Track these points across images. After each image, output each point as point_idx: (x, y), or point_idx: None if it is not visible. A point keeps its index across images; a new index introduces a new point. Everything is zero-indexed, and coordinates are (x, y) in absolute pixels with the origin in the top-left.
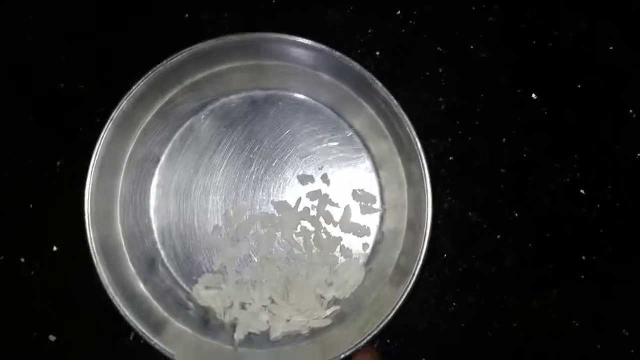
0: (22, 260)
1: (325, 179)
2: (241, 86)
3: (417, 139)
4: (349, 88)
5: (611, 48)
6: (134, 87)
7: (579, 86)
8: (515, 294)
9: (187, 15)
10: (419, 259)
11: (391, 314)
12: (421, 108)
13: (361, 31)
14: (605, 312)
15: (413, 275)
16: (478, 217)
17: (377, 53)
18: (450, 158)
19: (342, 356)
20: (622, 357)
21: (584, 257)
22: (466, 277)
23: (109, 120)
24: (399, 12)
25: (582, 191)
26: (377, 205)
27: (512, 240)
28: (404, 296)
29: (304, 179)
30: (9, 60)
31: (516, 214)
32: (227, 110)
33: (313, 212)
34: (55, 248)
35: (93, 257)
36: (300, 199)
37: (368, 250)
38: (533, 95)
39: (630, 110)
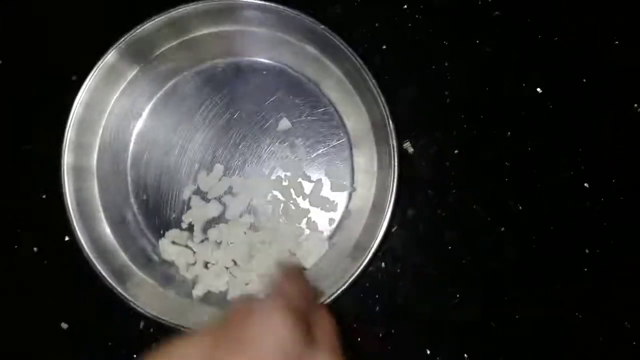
0: (35, 250)
1: (300, 151)
2: (228, 51)
3: (391, 123)
4: (333, 65)
5: (616, 43)
6: (122, 39)
7: (584, 80)
8: (518, 286)
9: None
10: (377, 239)
11: (344, 286)
12: (427, 101)
13: (368, 25)
14: (607, 305)
15: (369, 252)
16: (482, 210)
17: (384, 47)
18: (456, 151)
19: None
20: (623, 349)
21: (587, 251)
22: (470, 270)
23: (94, 69)
24: (405, 6)
25: (586, 185)
26: (347, 183)
27: (516, 233)
28: (358, 271)
29: (280, 149)
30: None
31: (520, 207)
32: (212, 73)
33: (285, 183)
34: (67, 238)
35: (67, 206)
36: (274, 168)
37: (333, 226)
38: (538, 90)
39: (635, 105)
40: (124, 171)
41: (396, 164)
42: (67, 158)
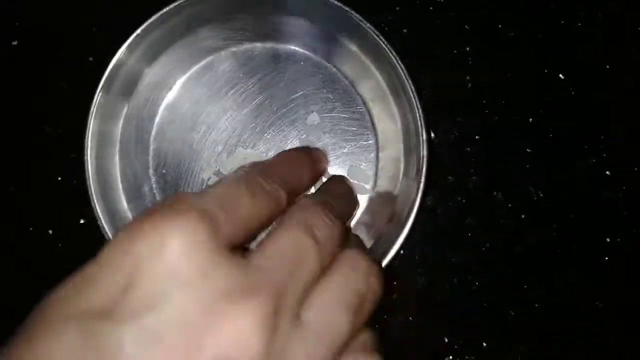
0: (50, 232)
1: (326, 147)
2: (268, 36)
3: (424, 134)
4: (373, 66)
5: None
6: (165, 9)
7: (607, 67)
8: (538, 274)
9: None
10: (392, 249)
11: None
12: (447, 86)
13: (388, 8)
14: (628, 295)
15: (380, 263)
16: (503, 197)
17: (405, 30)
18: (477, 137)
19: None
20: None
21: (608, 239)
22: (489, 257)
23: (135, 33)
24: None
25: (607, 172)
26: (368, 186)
27: (536, 221)
28: None
29: (306, 143)
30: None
31: (541, 194)
32: (248, 57)
33: None
34: (82, 221)
35: (86, 171)
36: None
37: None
38: (560, 76)
39: None
40: (147, 142)
41: (424, 175)
42: (93, 121)
